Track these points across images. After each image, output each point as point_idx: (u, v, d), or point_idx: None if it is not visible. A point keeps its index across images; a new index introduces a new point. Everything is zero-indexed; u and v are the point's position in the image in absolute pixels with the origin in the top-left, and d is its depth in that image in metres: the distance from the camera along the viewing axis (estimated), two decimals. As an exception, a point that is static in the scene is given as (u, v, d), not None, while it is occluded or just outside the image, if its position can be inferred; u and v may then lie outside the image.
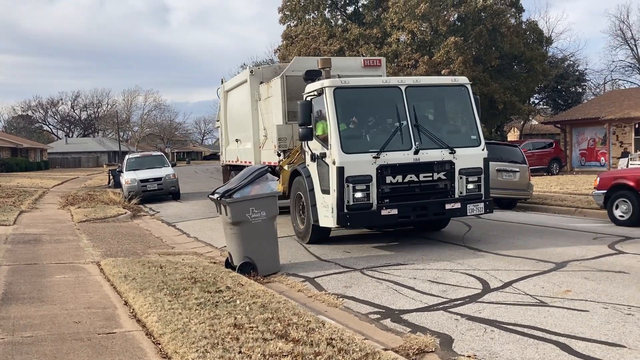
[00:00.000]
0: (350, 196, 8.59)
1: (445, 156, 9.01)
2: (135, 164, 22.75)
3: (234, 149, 15.28)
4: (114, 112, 78.24)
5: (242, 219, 7.90)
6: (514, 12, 33.08)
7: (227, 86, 15.81)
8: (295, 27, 36.54)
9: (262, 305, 5.86)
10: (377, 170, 8.66)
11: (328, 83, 9.01)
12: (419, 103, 9.38)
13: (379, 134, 9.32)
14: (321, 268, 8.29)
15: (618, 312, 5.61)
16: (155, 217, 16.43)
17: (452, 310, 5.96)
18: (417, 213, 8.93)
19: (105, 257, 9.21)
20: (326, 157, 8.89)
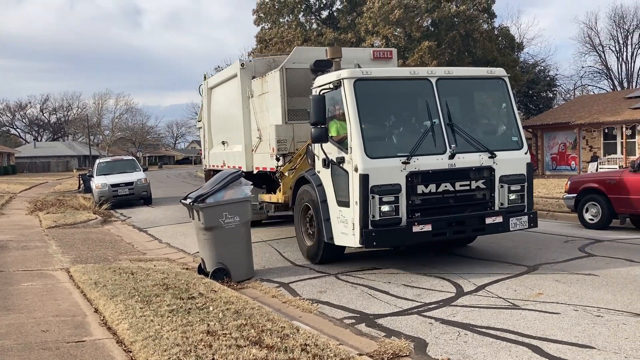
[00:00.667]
0: (377, 210, 7.15)
1: (484, 161, 7.71)
2: (106, 168, 22.42)
3: (220, 152, 13.73)
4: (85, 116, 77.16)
5: (215, 224, 7.82)
6: (487, 18, 33.63)
7: (212, 82, 14.27)
8: (270, 30, 36.53)
9: (235, 311, 5.79)
10: (407, 178, 7.27)
11: (347, 74, 7.58)
12: (452, 98, 8.02)
13: (406, 135, 7.95)
14: (295, 273, 8.25)
15: (588, 314, 5.69)
16: (126, 222, 16.18)
17: (426, 314, 5.98)
18: (454, 229, 7.58)
19: (75, 263, 9.02)
20: (344, 162, 7.52)
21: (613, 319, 5.49)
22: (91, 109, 79.18)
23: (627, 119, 26.04)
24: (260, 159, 11.14)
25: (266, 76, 10.71)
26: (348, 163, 7.45)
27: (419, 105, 8.08)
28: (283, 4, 36.57)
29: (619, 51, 49.17)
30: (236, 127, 12.01)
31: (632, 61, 49.21)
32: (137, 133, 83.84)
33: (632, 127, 26.20)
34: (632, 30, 48.48)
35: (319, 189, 8.13)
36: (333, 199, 7.86)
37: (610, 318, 5.53)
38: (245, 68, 11.49)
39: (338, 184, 7.76)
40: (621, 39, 49.12)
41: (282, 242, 10.75)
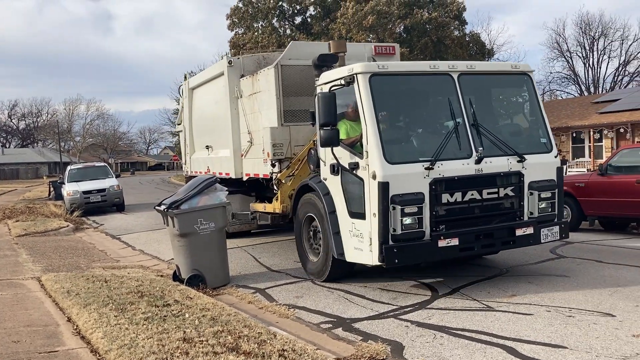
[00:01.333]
0: (398, 222, 6.32)
1: (512, 166, 6.98)
2: (78, 175, 22.07)
3: (203, 157, 12.77)
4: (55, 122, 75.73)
5: (190, 231, 7.76)
6: (458, 24, 34.13)
7: (194, 82, 13.27)
8: (244, 35, 36.46)
9: (211, 318, 5.76)
10: (431, 186, 6.49)
11: (361, 68, 6.74)
12: (475, 95, 7.26)
13: (427, 137, 7.21)
14: (272, 279, 8.23)
15: (560, 314, 5.81)
16: (99, 229, 15.94)
17: (403, 318, 6.03)
18: (482, 243, 6.87)
19: (47, 272, 8.85)
20: (358, 168, 6.69)
21: (584, 319, 5.61)
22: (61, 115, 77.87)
23: (595, 123, 26.66)
24: (251, 164, 10.37)
25: (258, 74, 9.87)
26: (363, 169, 6.62)
27: (440, 104, 7.39)
28: (257, 10, 36.59)
29: (585, 57, 50.38)
30: (223, 130, 11.22)
31: (598, 67, 50.48)
32: (109, 139, 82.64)
33: (599, 131, 26.83)
34: (598, 37, 49.73)
35: (327, 198, 7.27)
36: (344, 209, 7.03)
37: (582, 318, 5.65)
38: (233, 66, 10.66)
39: (350, 193, 6.93)
40: (587, 45, 50.35)
41: (258, 248, 10.72)
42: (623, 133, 25.08)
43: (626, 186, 10.58)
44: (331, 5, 35.55)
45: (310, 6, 37.02)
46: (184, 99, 13.95)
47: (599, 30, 49.47)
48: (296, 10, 38.20)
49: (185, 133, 14.16)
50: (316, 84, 7.72)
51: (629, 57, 48.86)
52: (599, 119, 26.94)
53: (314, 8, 37.20)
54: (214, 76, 11.63)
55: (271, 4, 36.30)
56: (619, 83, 49.27)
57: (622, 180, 10.75)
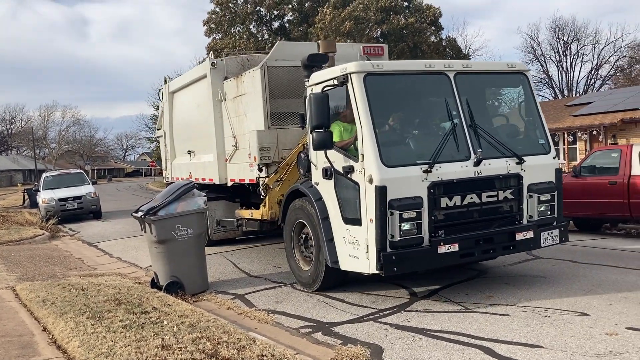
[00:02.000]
0: (396, 228, 6.05)
1: (511, 168, 6.79)
2: (54, 182, 21.77)
3: (185, 163, 12.41)
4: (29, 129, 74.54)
5: (167, 237, 7.70)
6: (434, 30, 34.49)
7: (174, 86, 12.90)
8: (221, 41, 36.36)
9: (190, 324, 5.72)
10: (429, 190, 6.26)
11: (355, 67, 6.48)
12: (472, 95, 7.05)
13: (423, 138, 7.01)
14: (251, 284, 8.20)
15: (536, 314, 5.89)
16: (75, 237, 15.73)
17: (382, 320, 6.06)
18: (482, 248, 6.63)
19: (21, 281, 8.70)
20: (353, 172, 6.43)
21: (559, 319, 5.70)
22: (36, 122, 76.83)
23: (569, 125, 27.11)
24: (236, 169, 10.05)
25: (243, 76, 9.58)
26: (359, 173, 6.34)
27: (436, 104, 7.15)
28: (234, 15, 36.54)
29: (559, 61, 51.23)
30: (206, 134, 10.89)
31: (572, 71, 51.37)
32: (85, 146, 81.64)
33: (573, 133, 27.30)
34: (570, 42, 50.64)
35: (319, 203, 6.99)
36: (338, 215, 6.76)
37: (557, 318, 5.74)
38: (217, 68, 10.34)
39: (345, 198, 6.67)
40: (561, 50, 51.22)
41: (237, 254, 10.67)
42: (596, 135, 25.56)
43: (599, 187, 10.79)
44: (309, 11, 35.68)
45: (288, 12, 37.10)
46: (164, 103, 13.62)
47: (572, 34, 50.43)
48: (274, 15, 38.25)
49: (165, 138, 13.77)
50: (306, 84, 7.49)
51: (601, 61, 49.89)
52: (572, 122, 27.40)
53: (292, 13, 37.30)
54: (196, 79, 11.34)
55: (249, 9, 36.29)
56: (591, 86, 50.25)
57: (595, 182, 10.96)
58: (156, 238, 7.70)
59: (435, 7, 34.73)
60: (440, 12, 34.86)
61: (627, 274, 7.44)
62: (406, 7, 34.91)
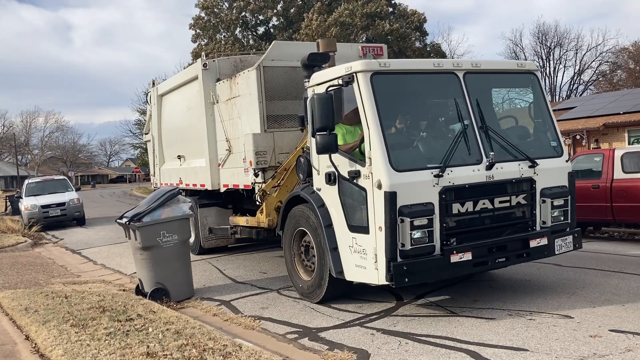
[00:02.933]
0: (407, 237, 5.72)
1: (524, 171, 6.50)
2: (36, 189, 21.53)
3: (175, 168, 11.98)
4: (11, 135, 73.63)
5: (152, 244, 7.64)
6: (419, 35, 34.75)
7: (163, 88, 12.51)
8: (206, 46, 36.30)
9: (176, 331, 5.68)
10: (441, 196, 5.95)
11: (361, 66, 6.16)
12: (481, 96, 6.76)
13: (432, 141, 6.64)
14: (237, 290, 8.16)
15: (521, 317, 5.93)
16: (58, 244, 15.56)
17: (368, 325, 6.06)
18: (496, 256, 6.29)
19: (3, 289, 8.58)
20: (359, 177, 6.11)
21: (544, 322, 5.75)
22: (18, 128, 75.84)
23: (552, 131, 27.39)
24: (229, 174, 9.68)
25: (237, 77, 9.22)
26: (366, 178, 6.01)
27: (446, 105, 6.89)
28: (219, 20, 36.52)
29: (542, 66, 51.76)
30: (197, 138, 10.53)
31: (555, 75, 51.99)
32: (69, 152, 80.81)
33: (556, 138, 27.57)
34: (554, 47, 51.28)
35: (322, 210, 6.66)
36: (342, 223, 6.42)
37: (542, 321, 5.79)
38: (209, 69, 9.96)
39: (350, 205, 6.34)
40: (544, 55, 51.83)
41: (223, 260, 10.62)
42: (579, 140, 25.86)
43: (582, 191, 10.88)
44: (294, 16, 35.77)
45: (273, 17, 37.16)
46: (152, 107, 13.19)
47: (555, 40, 51.07)
48: (259, 20, 38.28)
49: (153, 143, 13.34)
50: (306, 85, 7.21)
51: (583, 66, 50.58)
52: (555, 127, 27.68)
53: (277, 18, 37.36)
54: (187, 81, 11.00)
55: (234, 15, 36.28)
56: (574, 91, 50.89)
57: (578, 186, 11.04)
58: (141, 244, 7.63)
59: (420, 13, 35.02)
60: (425, 18, 35.16)
61: (610, 276, 7.52)
62: (391, 12, 35.14)
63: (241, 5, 35.90)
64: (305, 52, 7.60)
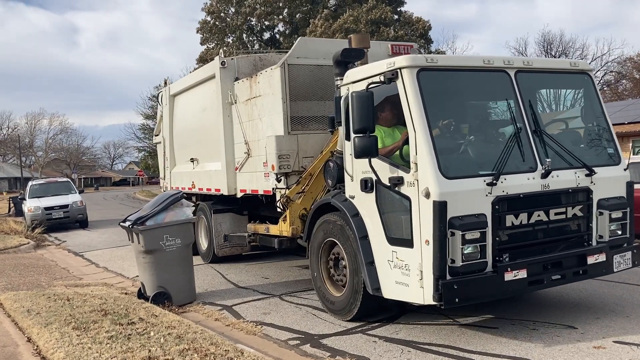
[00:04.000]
0: (457, 252, 5.16)
1: (581, 181, 5.96)
2: (40, 190, 21.57)
3: (187, 171, 11.51)
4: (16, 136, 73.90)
5: (155, 247, 7.64)
6: (424, 43, 34.76)
7: (176, 88, 11.99)
8: (213, 50, 36.43)
9: (177, 336, 5.67)
10: (494, 206, 5.39)
11: (406, 61, 5.57)
12: (534, 97, 6.29)
13: (482, 145, 6.11)
14: (239, 295, 8.15)
15: (524, 327, 5.91)
16: (61, 246, 15.57)
17: (370, 333, 6.04)
18: (551, 274, 5.73)
19: (6, 291, 8.59)
20: (403, 184, 5.50)
21: (548, 332, 5.72)
22: (23, 129, 76.11)
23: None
24: (247, 179, 9.11)
25: (257, 76, 8.66)
26: (411, 186, 5.42)
27: (496, 106, 6.49)
28: (226, 25, 36.67)
29: (547, 75, 51.78)
30: (212, 140, 10.01)
31: (560, 85, 51.92)
32: (73, 154, 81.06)
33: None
34: (559, 56, 51.24)
35: (356, 220, 6.11)
36: (380, 234, 5.85)
37: (545, 331, 5.76)
38: (227, 68, 9.42)
39: (390, 215, 5.79)
40: (549, 64, 51.79)
41: (225, 265, 10.60)
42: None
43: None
44: (299, 22, 35.88)
45: (279, 22, 37.29)
46: (164, 107, 12.66)
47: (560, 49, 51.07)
48: (265, 25, 38.41)
49: (164, 145, 12.76)
50: (338, 83, 6.72)
51: (588, 76, 50.50)
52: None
53: (283, 25, 37.49)
54: (202, 80, 10.50)
55: (240, 20, 36.42)
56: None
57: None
58: (144, 248, 7.63)
59: (424, 20, 35.07)
60: (430, 25, 35.20)
61: (614, 287, 7.48)
62: (396, 20, 35.22)
63: (247, 10, 36.05)
64: (332, 49, 7.15)
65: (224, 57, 9.69)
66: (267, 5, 35.68)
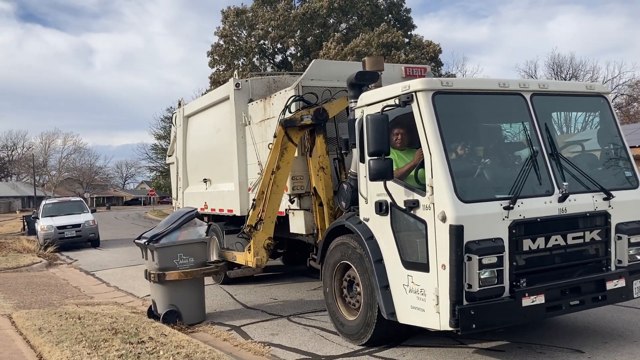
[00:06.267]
0: (474, 277, 5.10)
1: (598, 204, 5.91)
2: (53, 209, 21.85)
3: (200, 192, 11.58)
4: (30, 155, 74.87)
5: (169, 265, 7.76)
6: (434, 65, 34.98)
7: (190, 109, 12.19)
8: (224, 72, 36.85)
9: (186, 355, 5.73)
10: (511, 230, 5.36)
11: (421, 84, 5.62)
12: (550, 120, 6.33)
13: (498, 169, 6.17)
14: (248, 316, 8.20)
15: (531, 350, 5.91)
16: (73, 265, 15.71)
17: (377, 355, 6.06)
18: (570, 299, 5.65)
19: (18, 309, 8.71)
20: (418, 207, 5.50)
21: (555, 355, 5.72)
22: (37, 149, 77.14)
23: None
24: None
25: (272, 97, 8.82)
26: (426, 209, 5.40)
27: (512, 129, 6.51)
28: (238, 47, 37.16)
29: (557, 98, 51.75)
30: (225, 161, 10.12)
31: (570, 108, 51.83)
32: (85, 173, 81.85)
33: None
34: (570, 79, 51.29)
35: (371, 243, 6.07)
36: (395, 258, 5.81)
37: (553, 354, 5.76)
38: (241, 89, 9.62)
39: (406, 238, 5.75)
40: (559, 87, 51.77)
41: (234, 285, 10.66)
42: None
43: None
44: (311, 45, 36.28)
45: (292, 46, 37.73)
46: (178, 128, 12.85)
47: (570, 72, 51.13)
48: (277, 48, 38.86)
49: (177, 165, 12.94)
50: (352, 105, 6.77)
51: (599, 99, 50.39)
52: (570, 159, 27.54)
53: (295, 47, 37.91)
54: (217, 101, 10.67)
55: (252, 43, 36.90)
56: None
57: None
58: (157, 265, 7.75)
59: (435, 44, 35.33)
60: (440, 49, 35.44)
61: (623, 312, 7.45)
62: (407, 43, 35.52)
63: (260, 33, 36.54)
64: (345, 71, 7.24)
65: (238, 79, 9.82)
66: (279, 29, 36.17)
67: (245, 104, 9.64)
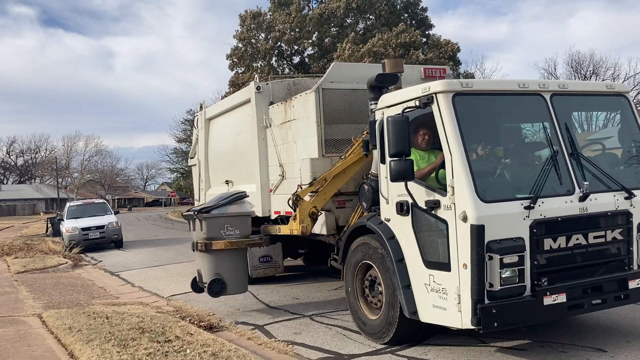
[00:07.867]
0: (496, 276, 5.16)
1: (620, 204, 5.92)
2: (77, 211, 22.26)
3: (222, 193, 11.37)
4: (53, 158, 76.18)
5: (216, 235, 8.11)
6: (452, 65, 34.83)
7: (212, 112, 12.31)
8: (243, 75, 37.12)
9: (212, 353, 5.87)
10: (532, 230, 5.41)
11: (442, 86, 5.69)
12: (570, 120, 6.39)
13: (519, 169, 6.25)
14: (270, 315, 8.33)
15: (553, 349, 5.94)
16: (97, 266, 16.00)
17: (399, 353, 6.14)
18: (591, 298, 5.67)
19: (47, 309, 8.94)
20: (439, 207, 5.57)
21: (577, 354, 5.75)
22: (60, 152, 78.51)
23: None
24: (282, 200, 9.05)
25: (292, 100, 8.96)
26: (447, 209, 5.48)
27: (532, 129, 6.58)
28: (256, 50, 37.43)
29: (578, 96, 51.11)
30: (247, 163, 10.28)
31: (591, 105, 51.16)
32: (107, 175, 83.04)
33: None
34: (589, 76, 50.63)
35: (392, 243, 6.15)
36: (417, 258, 5.88)
37: (575, 353, 5.78)
38: (262, 92, 9.68)
39: (427, 238, 5.83)
40: (580, 84, 51.13)
41: (256, 285, 10.77)
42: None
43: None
44: (328, 46, 36.37)
45: (308, 46, 37.88)
46: (199, 130, 13.00)
47: (590, 69, 50.48)
48: (294, 50, 39.04)
49: (199, 167, 13.08)
50: (372, 107, 6.85)
51: (621, 95, 49.68)
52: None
53: (312, 48, 38.05)
54: (238, 104, 10.77)
55: (269, 45, 37.13)
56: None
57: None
58: (205, 235, 8.11)
59: (453, 43, 35.19)
60: (459, 47, 35.29)
61: (646, 311, 7.43)
62: (425, 42, 35.44)
63: (277, 35, 36.75)
64: (366, 74, 7.37)
65: (259, 82, 9.92)
66: (296, 30, 36.34)
67: (266, 106, 9.73)
